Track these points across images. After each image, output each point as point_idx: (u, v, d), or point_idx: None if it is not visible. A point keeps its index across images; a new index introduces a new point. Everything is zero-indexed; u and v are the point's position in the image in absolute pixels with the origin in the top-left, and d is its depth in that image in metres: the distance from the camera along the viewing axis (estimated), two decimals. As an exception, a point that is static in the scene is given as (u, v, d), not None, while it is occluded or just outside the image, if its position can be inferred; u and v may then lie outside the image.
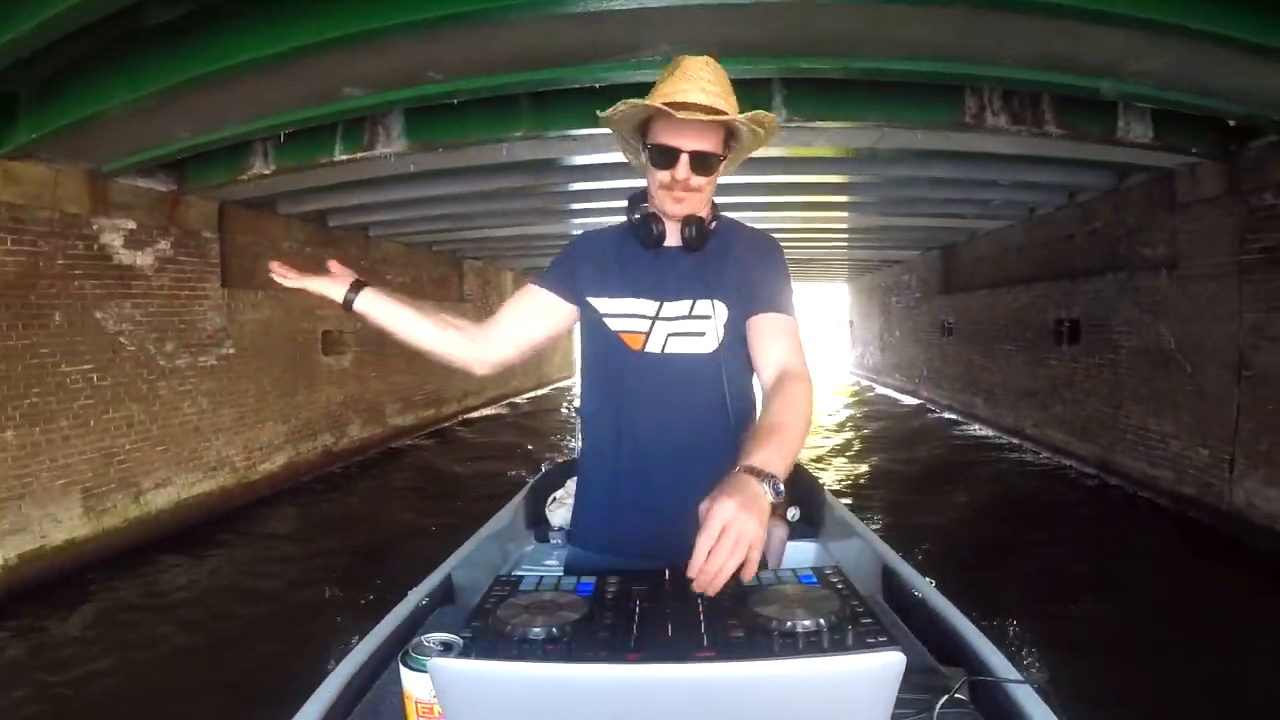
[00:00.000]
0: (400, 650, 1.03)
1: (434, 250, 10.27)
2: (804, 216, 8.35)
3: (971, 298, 9.90)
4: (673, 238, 1.29)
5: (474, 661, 0.78)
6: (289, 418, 7.18)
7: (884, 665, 0.73)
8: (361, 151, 4.47)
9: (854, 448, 8.87)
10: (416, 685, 0.96)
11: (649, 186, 1.28)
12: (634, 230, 1.29)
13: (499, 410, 12.47)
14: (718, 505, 0.87)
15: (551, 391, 15.40)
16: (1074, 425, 7.26)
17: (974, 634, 1.32)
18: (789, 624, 0.81)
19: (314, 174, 5.21)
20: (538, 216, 7.77)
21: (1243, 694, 2.93)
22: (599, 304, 1.29)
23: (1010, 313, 8.64)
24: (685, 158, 1.19)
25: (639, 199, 1.32)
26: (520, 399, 13.91)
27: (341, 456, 8.07)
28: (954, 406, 10.73)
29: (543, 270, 1.38)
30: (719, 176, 1.27)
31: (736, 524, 0.85)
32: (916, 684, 0.98)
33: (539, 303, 1.33)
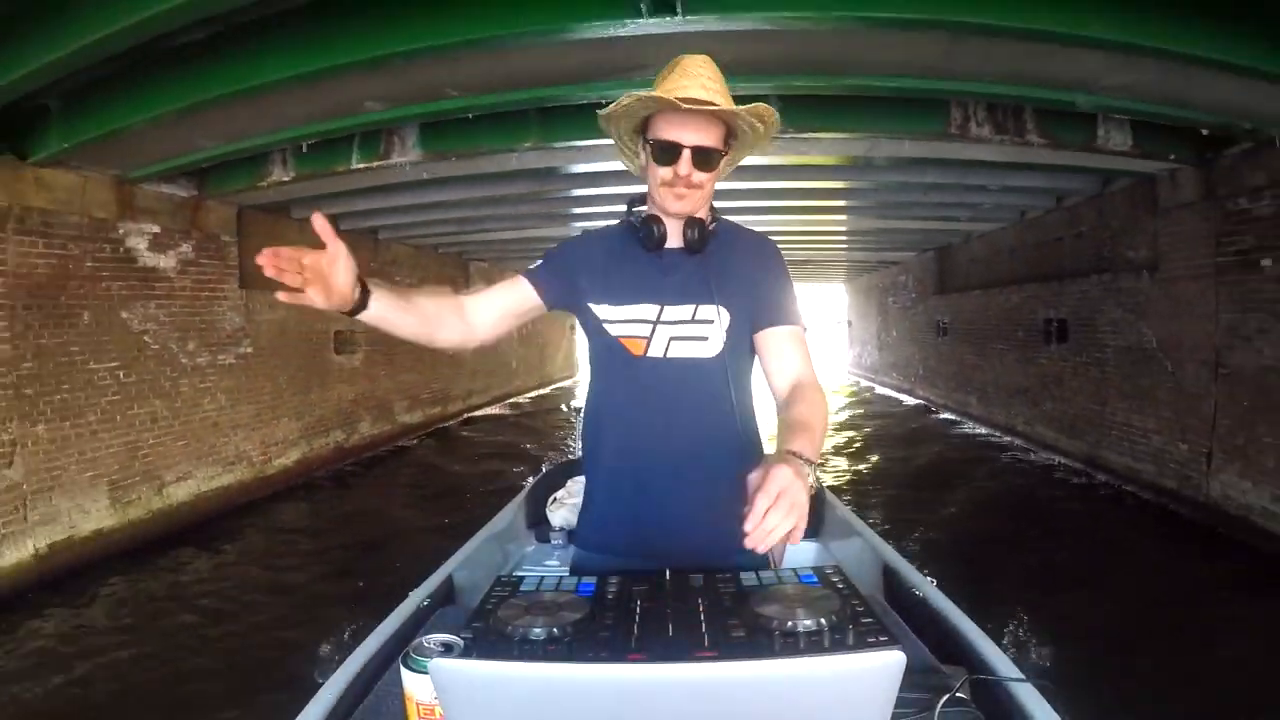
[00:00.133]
0: (401, 651, 1.02)
1: (440, 252, 10.45)
2: (803, 220, 8.48)
3: (965, 298, 10.00)
4: (673, 240, 1.28)
5: (475, 662, 0.78)
6: (303, 414, 7.37)
7: (885, 664, 0.73)
8: (378, 160, 4.65)
9: (854, 446, 8.99)
10: (417, 686, 0.95)
11: (649, 186, 1.27)
12: (635, 233, 1.28)
13: (501, 410, 12.58)
14: (776, 470, 0.91)
15: (553, 391, 15.51)
16: (1062, 422, 7.41)
17: (975, 633, 1.33)
18: (790, 624, 0.82)
19: (330, 180, 5.37)
20: (541, 220, 7.95)
21: (1211, 667, 3.19)
22: (599, 310, 1.29)
23: (1002, 313, 8.75)
24: (688, 153, 1.18)
25: (638, 202, 1.33)
26: (523, 398, 14.06)
27: (353, 452, 8.26)
28: (948, 405, 10.84)
29: (535, 264, 1.36)
30: (720, 175, 1.27)
31: (791, 491, 0.89)
32: (917, 683, 0.98)
33: (528, 300, 1.33)
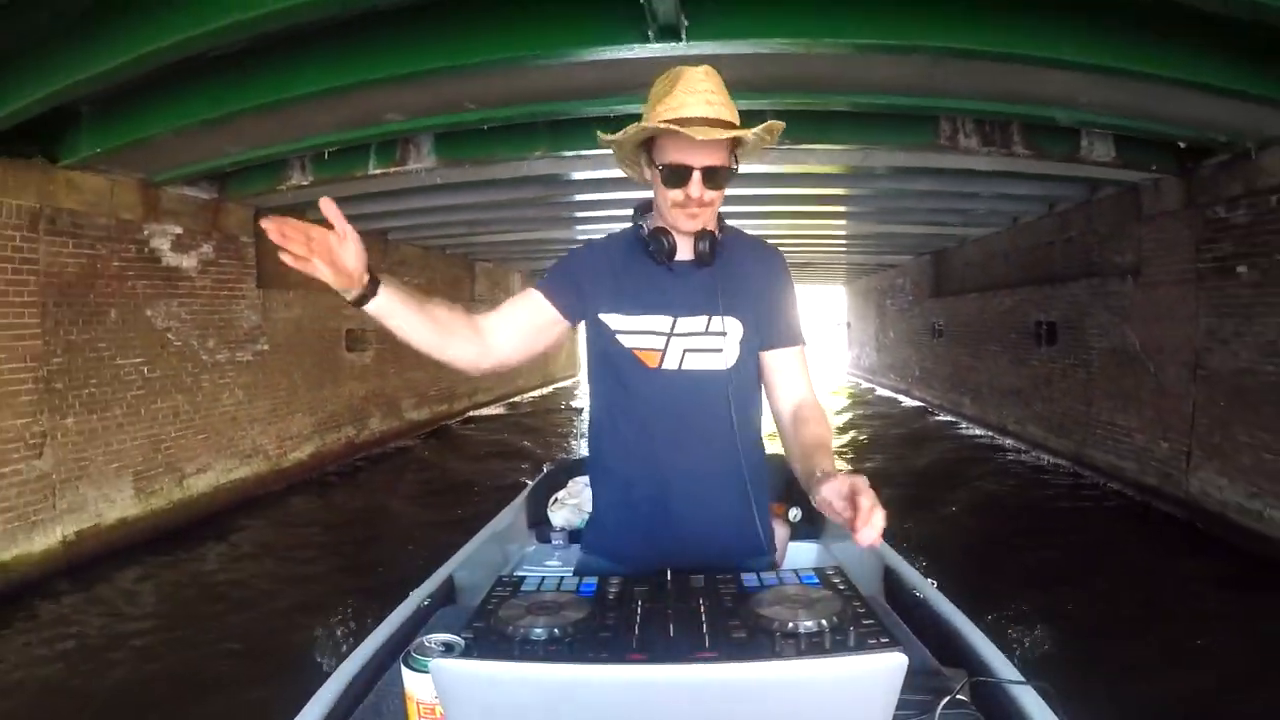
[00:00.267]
0: (402, 651, 1.02)
1: (448, 253, 10.67)
2: (804, 224, 8.71)
3: (960, 301, 10.19)
4: (683, 251, 1.27)
5: (476, 662, 0.78)
6: (316, 410, 7.60)
7: (887, 666, 0.73)
8: (394, 166, 4.86)
9: (853, 445, 9.18)
10: (418, 686, 0.95)
11: (657, 202, 1.26)
12: (643, 244, 1.27)
13: (502, 410, 12.75)
14: (856, 479, 0.95)
15: (555, 390, 15.70)
16: (1051, 422, 7.61)
17: (975, 635, 1.33)
18: (791, 624, 0.82)
19: (346, 184, 5.54)
20: (546, 223, 8.19)
21: (1186, 653, 3.42)
22: (610, 320, 1.27)
23: (996, 316, 8.95)
24: (698, 174, 1.17)
25: (644, 209, 1.31)
26: (526, 397, 14.26)
27: (363, 447, 8.49)
28: (944, 405, 11.05)
29: (544, 276, 1.34)
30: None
31: (873, 494, 0.94)
32: (918, 685, 0.98)
33: (543, 314, 1.29)
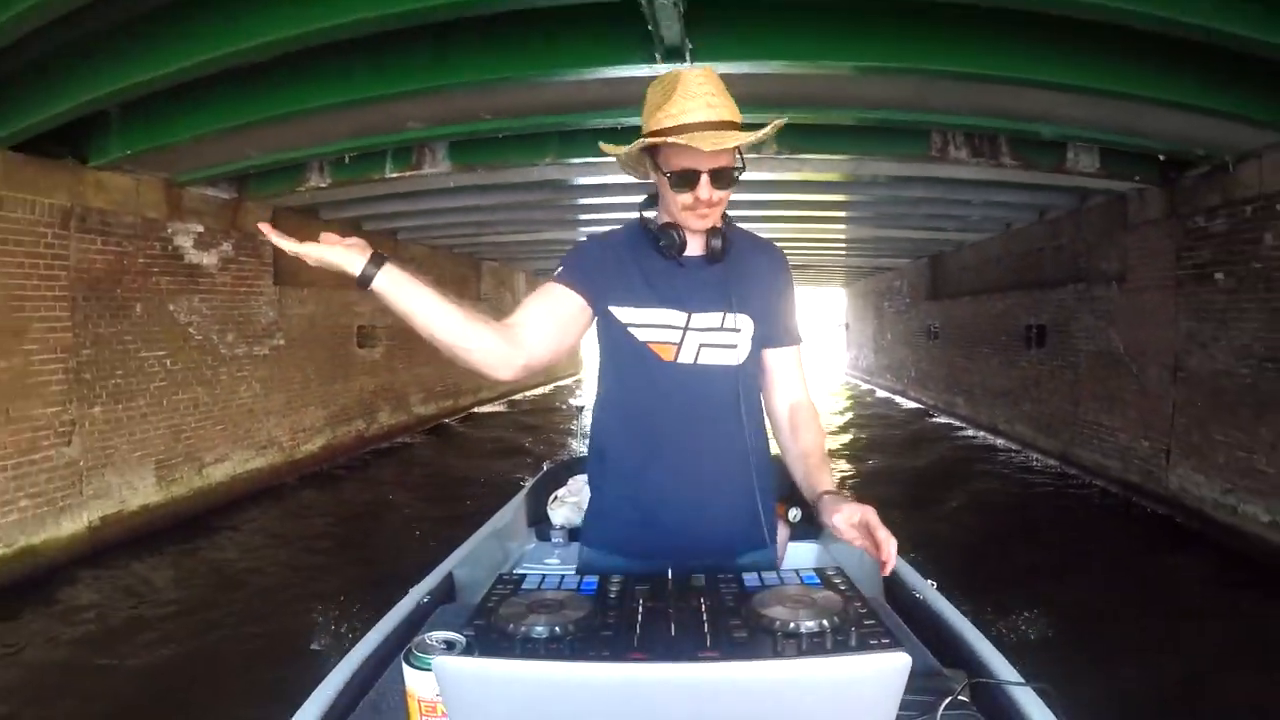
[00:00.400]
0: (402, 648, 1.02)
1: (454, 252, 10.90)
2: (805, 228, 8.99)
3: (956, 304, 10.40)
4: (692, 247, 1.28)
5: (479, 660, 0.79)
6: (328, 403, 7.83)
7: (891, 667, 0.73)
8: (410, 170, 5.10)
9: (854, 445, 9.40)
10: (420, 683, 0.95)
11: (664, 201, 1.27)
12: (652, 239, 1.27)
13: (503, 408, 12.93)
14: (870, 513, 1.05)
15: (556, 389, 15.88)
16: (1040, 422, 7.84)
17: (976, 636, 1.34)
18: (792, 624, 0.82)
19: (361, 187, 5.81)
20: (552, 225, 8.43)
21: (1164, 634, 3.64)
22: (622, 313, 1.27)
23: (989, 319, 9.17)
24: (705, 177, 1.19)
25: (650, 204, 1.33)
26: (528, 395, 14.44)
27: (372, 441, 8.72)
28: (939, 406, 11.27)
29: (558, 270, 1.30)
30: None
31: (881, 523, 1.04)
32: (919, 686, 0.98)
33: (569, 304, 1.26)
